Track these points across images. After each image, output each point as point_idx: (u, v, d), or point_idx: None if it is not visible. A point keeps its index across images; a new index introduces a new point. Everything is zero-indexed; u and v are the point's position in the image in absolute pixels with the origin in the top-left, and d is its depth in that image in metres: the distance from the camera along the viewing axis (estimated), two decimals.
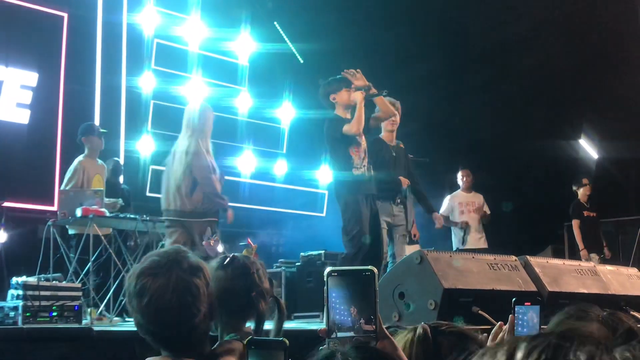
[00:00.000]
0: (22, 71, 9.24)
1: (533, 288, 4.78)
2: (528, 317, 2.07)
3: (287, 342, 1.51)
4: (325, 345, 1.35)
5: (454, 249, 9.21)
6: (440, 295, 4.22)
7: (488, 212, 9.40)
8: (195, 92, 10.82)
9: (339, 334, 1.37)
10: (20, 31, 9.27)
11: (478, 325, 4.23)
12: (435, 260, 4.37)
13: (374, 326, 1.38)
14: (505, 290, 4.57)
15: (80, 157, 7.56)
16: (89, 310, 6.48)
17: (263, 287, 2.52)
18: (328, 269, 1.41)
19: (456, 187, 9.63)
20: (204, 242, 6.24)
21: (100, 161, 7.70)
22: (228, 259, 2.54)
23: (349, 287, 1.39)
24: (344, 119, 6.31)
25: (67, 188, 7.32)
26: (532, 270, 4.91)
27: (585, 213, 9.77)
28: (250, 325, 2.54)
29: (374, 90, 6.38)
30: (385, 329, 1.44)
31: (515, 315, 2.08)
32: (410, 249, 6.44)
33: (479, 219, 9.32)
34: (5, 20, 9.15)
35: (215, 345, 2.34)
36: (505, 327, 2.13)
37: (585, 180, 9.91)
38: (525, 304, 2.10)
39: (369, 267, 1.42)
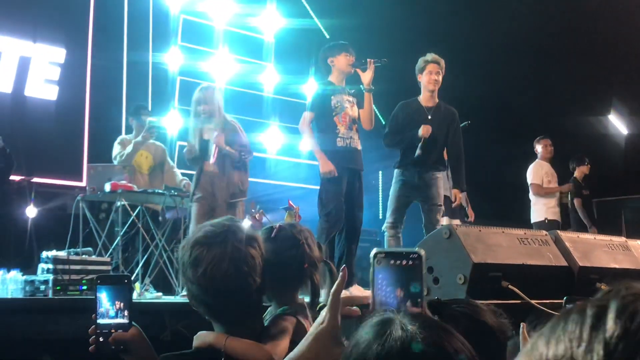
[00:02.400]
0: (50, 47, 9.29)
1: (564, 263, 4.73)
2: None
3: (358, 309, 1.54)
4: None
5: (541, 219, 8.96)
6: (470, 270, 4.19)
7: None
8: (221, 68, 10.83)
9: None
10: (47, 7, 9.31)
11: (508, 300, 4.22)
12: (465, 234, 4.33)
13: (419, 308, 1.37)
14: (535, 265, 4.54)
15: (124, 137, 7.68)
16: None
17: (314, 256, 2.46)
18: (375, 250, 1.40)
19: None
20: (248, 217, 6.29)
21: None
22: (275, 230, 2.48)
23: (395, 268, 1.39)
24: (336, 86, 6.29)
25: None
26: (562, 245, 4.86)
27: (584, 192, 9.67)
28: (302, 296, 2.50)
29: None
30: (429, 312, 1.43)
31: None
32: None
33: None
34: None
35: (267, 322, 2.32)
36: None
37: (586, 159, 9.77)
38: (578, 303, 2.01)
39: (417, 249, 1.41)
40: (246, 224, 5.86)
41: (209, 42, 10.89)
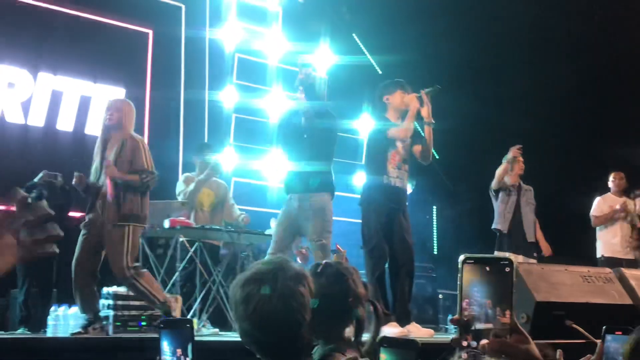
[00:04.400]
0: (110, 87, 9.54)
1: (629, 301, 4.65)
2: (617, 347, 1.88)
3: (419, 342, 1.52)
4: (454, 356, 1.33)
5: (598, 255, 8.74)
6: (533, 308, 4.15)
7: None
8: (275, 105, 10.96)
9: (473, 324, 1.34)
10: (107, 48, 9.57)
11: (572, 340, 4.15)
12: (527, 272, 4.30)
13: (509, 319, 1.33)
14: (599, 304, 4.47)
15: (188, 174, 7.80)
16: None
17: (359, 292, 2.47)
18: (463, 256, 1.37)
19: None
20: (295, 252, 6.28)
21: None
22: (321, 266, 2.51)
23: (484, 276, 1.34)
24: (392, 123, 6.23)
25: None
26: (627, 283, 4.78)
27: None
28: (349, 333, 2.49)
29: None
30: (518, 322, 1.41)
31: (605, 344, 1.92)
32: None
33: (629, 226, 8.76)
34: (93, 38, 9.47)
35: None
36: (593, 357, 1.99)
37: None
38: (616, 333, 1.92)
39: (507, 256, 1.38)
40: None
41: (262, 79, 11.04)
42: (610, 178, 9.02)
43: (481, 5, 10.48)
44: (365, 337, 2.45)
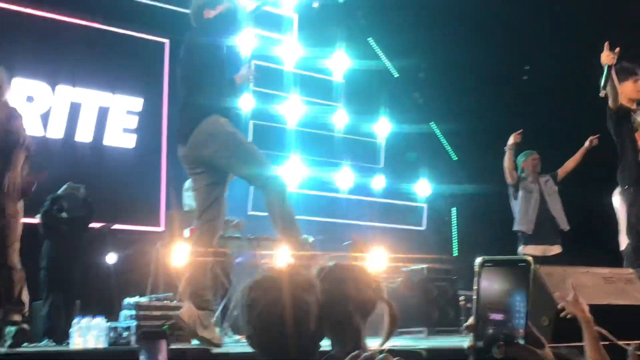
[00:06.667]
0: (127, 97, 9.61)
1: None
2: None
3: (423, 353, 1.50)
4: None
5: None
6: (554, 312, 4.10)
7: None
8: (292, 110, 10.98)
9: (488, 329, 1.30)
10: (124, 59, 9.63)
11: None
12: (548, 274, 4.26)
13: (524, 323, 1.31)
14: (621, 305, 4.42)
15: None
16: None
17: (363, 298, 2.36)
18: (481, 259, 1.33)
19: None
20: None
21: None
22: (324, 271, 2.41)
23: (502, 278, 1.31)
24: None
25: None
26: None
27: None
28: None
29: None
30: (533, 327, 1.38)
31: None
32: None
33: None
34: (110, 49, 9.55)
35: None
36: None
37: None
38: None
39: (525, 257, 1.34)
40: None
41: (279, 85, 11.06)
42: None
43: (497, 8, 10.42)
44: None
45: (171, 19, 10.10)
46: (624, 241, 8.32)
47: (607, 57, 5.83)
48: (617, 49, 5.84)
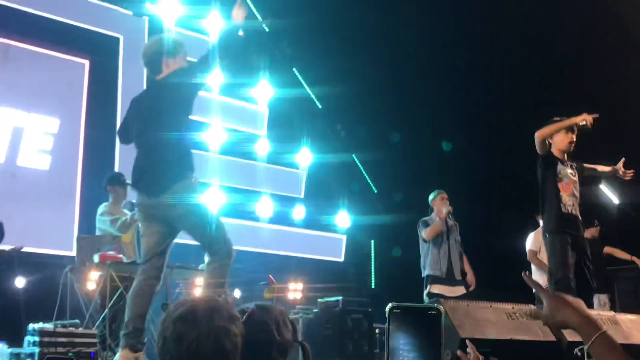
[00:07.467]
0: (43, 117, 9.37)
1: (552, 338, 4.68)
2: None
3: None
4: None
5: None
6: (457, 346, 4.15)
7: None
8: (215, 138, 10.92)
9: None
10: (42, 78, 9.39)
11: None
12: (452, 309, 4.31)
13: None
14: (523, 340, 4.50)
15: (105, 204, 7.62)
16: (105, 356, 6.44)
17: (283, 341, 2.43)
18: (390, 305, 1.34)
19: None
20: None
21: (125, 210, 7.70)
22: (247, 314, 2.46)
23: (412, 325, 1.31)
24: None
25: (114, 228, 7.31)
26: None
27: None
28: None
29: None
30: None
31: None
32: None
33: None
34: (27, 67, 9.30)
35: None
36: None
37: (595, 221, 9.71)
38: None
39: (435, 304, 1.36)
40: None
41: (203, 112, 10.99)
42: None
43: (420, 33, 10.62)
44: None
45: (93, 39, 9.97)
46: (540, 280, 8.59)
47: (585, 118, 6.15)
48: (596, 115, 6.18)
